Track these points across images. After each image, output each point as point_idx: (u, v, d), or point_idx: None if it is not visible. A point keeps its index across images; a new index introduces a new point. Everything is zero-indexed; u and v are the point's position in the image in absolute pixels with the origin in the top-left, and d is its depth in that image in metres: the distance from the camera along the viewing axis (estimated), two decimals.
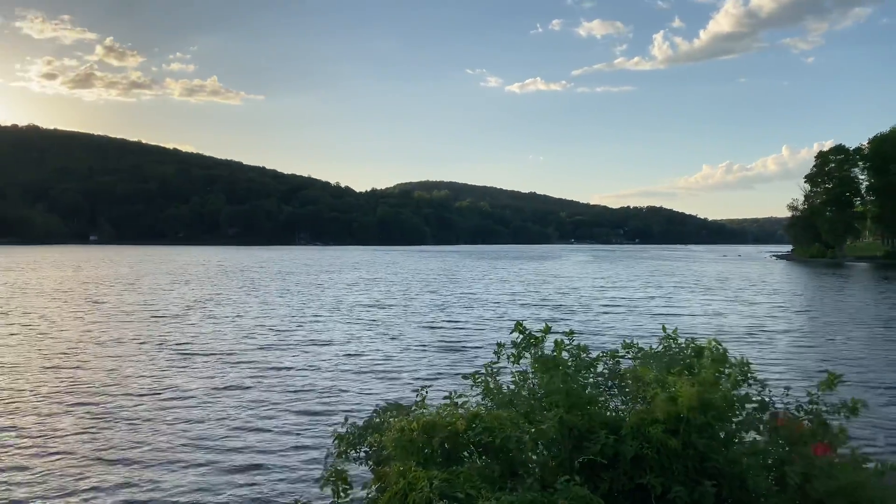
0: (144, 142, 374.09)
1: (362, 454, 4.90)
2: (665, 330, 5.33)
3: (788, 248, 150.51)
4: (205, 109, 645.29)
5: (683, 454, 4.30)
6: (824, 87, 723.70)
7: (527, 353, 5.05)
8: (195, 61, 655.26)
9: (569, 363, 4.94)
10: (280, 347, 22.01)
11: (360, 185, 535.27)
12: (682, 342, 5.36)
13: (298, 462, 10.81)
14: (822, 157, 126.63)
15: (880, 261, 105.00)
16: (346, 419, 5.15)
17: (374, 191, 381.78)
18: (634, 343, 5.36)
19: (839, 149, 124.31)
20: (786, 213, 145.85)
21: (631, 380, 5.14)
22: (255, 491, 9.69)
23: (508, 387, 5.03)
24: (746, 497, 4.40)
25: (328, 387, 16.03)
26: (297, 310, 33.72)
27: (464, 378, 5.35)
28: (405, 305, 36.19)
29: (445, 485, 3.69)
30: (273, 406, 14.22)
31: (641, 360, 5.24)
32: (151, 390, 15.48)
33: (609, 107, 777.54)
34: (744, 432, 4.88)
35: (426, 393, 5.13)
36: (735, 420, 4.85)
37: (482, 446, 4.24)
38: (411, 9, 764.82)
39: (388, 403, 5.20)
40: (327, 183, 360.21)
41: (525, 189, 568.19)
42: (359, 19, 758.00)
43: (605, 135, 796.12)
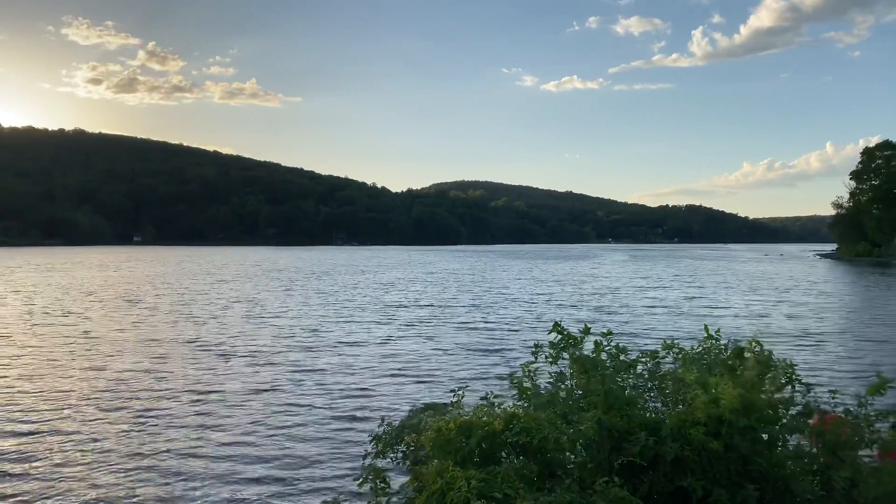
0: (186, 144, 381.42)
1: (399, 453, 4.93)
2: (707, 331, 5.25)
3: (833, 247, 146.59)
4: (244, 112, 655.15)
5: (725, 457, 4.24)
6: (870, 82, 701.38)
7: (565, 354, 5.03)
8: (234, 64, 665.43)
9: (608, 364, 4.90)
10: (317, 348, 22.10)
11: (396, 186, 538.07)
12: (724, 343, 5.27)
13: (336, 461, 10.86)
14: (869, 153, 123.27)
15: None
16: (384, 419, 5.19)
17: (410, 191, 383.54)
18: (675, 344, 5.29)
19: (886, 144, 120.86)
20: (830, 211, 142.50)
21: (671, 381, 5.08)
22: (294, 489, 9.80)
23: (546, 387, 5.01)
24: (791, 501, 4.31)
25: (364, 388, 16.05)
26: (334, 310, 33.95)
27: (501, 379, 5.35)
28: (441, 306, 36.21)
29: (483, 485, 3.70)
30: (309, 407, 14.27)
31: (682, 362, 5.18)
32: (189, 392, 15.63)
33: (647, 104, 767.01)
34: (788, 436, 4.79)
35: (463, 393, 5.14)
36: (779, 423, 4.76)
37: (520, 447, 4.23)
38: (446, 8, 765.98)
39: (425, 404, 5.23)
40: (364, 183, 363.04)
41: (562, 188, 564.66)
42: (394, 20, 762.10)
43: (643, 133, 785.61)
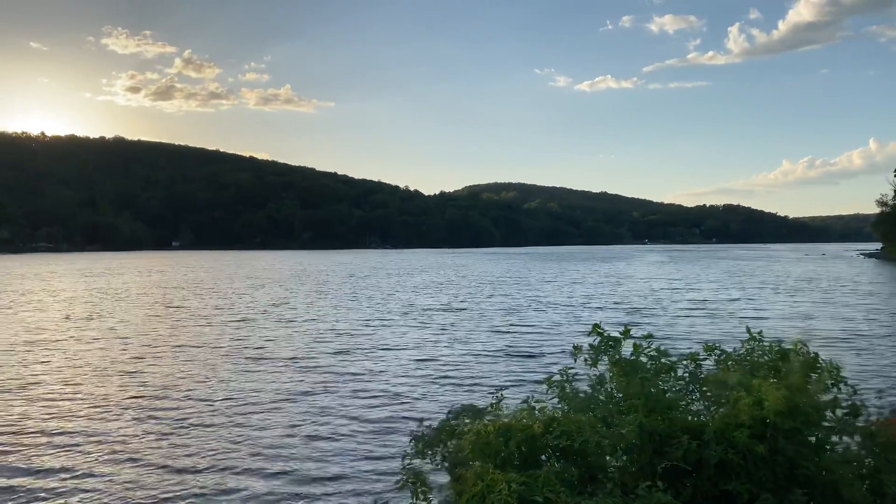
0: (222, 150, 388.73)
1: (438, 455, 4.93)
2: (750, 332, 5.15)
3: (877, 246, 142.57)
4: (279, 117, 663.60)
5: (771, 461, 4.16)
6: None
7: (604, 357, 4.98)
8: (269, 71, 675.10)
9: (648, 367, 4.84)
10: (351, 353, 22.16)
11: (429, 189, 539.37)
12: (767, 345, 5.17)
13: (372, 465, 10.88)
14: None
15: None
16: (422, 421, 5.20)
17: (443, 193, 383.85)
18: (716, 346, 5.20)
19: None
20: (873, 209, 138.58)
21: (713, 384, 5.00)
22: (334, 490, 9.87)
23: (585, 391, 4.96)
24: None
25: (399, 392, 16.04)
26: (368, 314, 34.15)
27: (537, 383, 5.32)
28: (475, 309, 36.18)
29: (524, 488, 3.68)
30: (344, 411, 14.30)
31: (724, 364, 5.09)
32: (225, 396, 15.73)
33: (682, 103, 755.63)
34: (835, 438, 4.67)
35: (501, 396, 5.12)
36: (826, 425, 4.65)
37: (560, 450, 4.20)
38: (478, 10, 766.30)
39: (463, 406, 5.22)
40: (396, 187, 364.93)
41: (596, 189, 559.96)
42: (425, 24, 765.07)
43: (679, 132, 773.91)
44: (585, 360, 5.06)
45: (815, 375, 4.80)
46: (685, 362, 5.21)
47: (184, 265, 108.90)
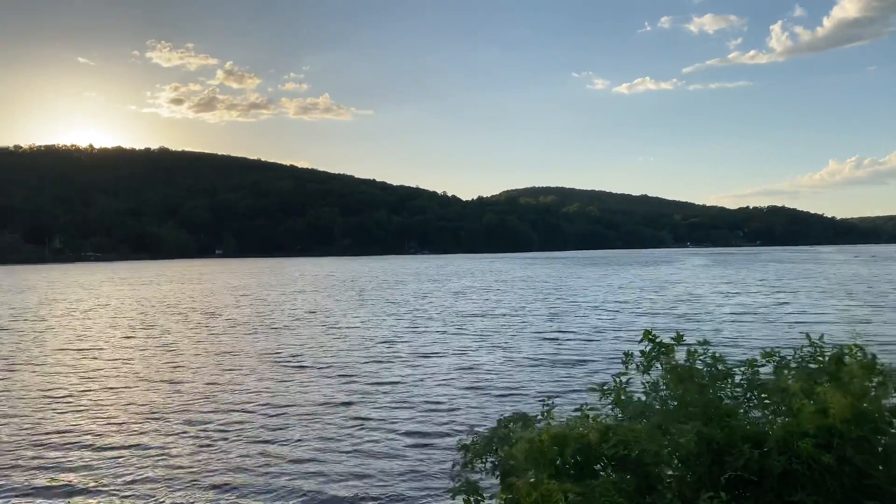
0: (263, 159, 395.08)
1: (489, 465, 4.86)
2: (810, 338, 4.97)
3: None
4: (318, 126, 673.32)
5: (839, 471, 3.99)
6: None
7: (657, 363, 4.86)
8: (308, 80, 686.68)
9: (703, 373, 4.70)
10: (390, 360, 22.01)
11: (467, 194, 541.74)
12: (829, 351, 4.98)
13: (415, 476, 10.77)
14: None
15: None
16: (472, 428, 5.14)
17: (481, 198, 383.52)
18: (775, 352, 5.03)
19: None
20: None
21: (772, 390, 4.83)
22: (376, 501, 9.84)
23: (639, 398, 4.84)
24: None
25: (440, 401, 15.85)
26: (407, 321, 34.10)
27: (586, 390, 5.21)
28: (516, 315, 35.96)
29: (581, 498, 3.59)
30: (384, 421, 14.15)
31: (783, 370, 4.91)
32: (264, 406, 15.73)
33: (724, 103, 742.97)
34: None
35: (553, 404, 5.03)
36: (894, 433, 4.45)
37: (616, 459, 4.09)
38: (514, 16, 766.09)
39: (513, 414, 5.14)
40: (434, 192, 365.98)
41: (636, 192, 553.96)
42: (461, 30, 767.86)
43: (721, 132, 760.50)
44: (637, 367, 4.95)
45: (877, 380, 4.61)
46: (742, 368, 5.05)
47: (226, 272, 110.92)
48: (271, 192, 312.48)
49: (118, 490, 10.41)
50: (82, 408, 15.91)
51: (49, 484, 10.73)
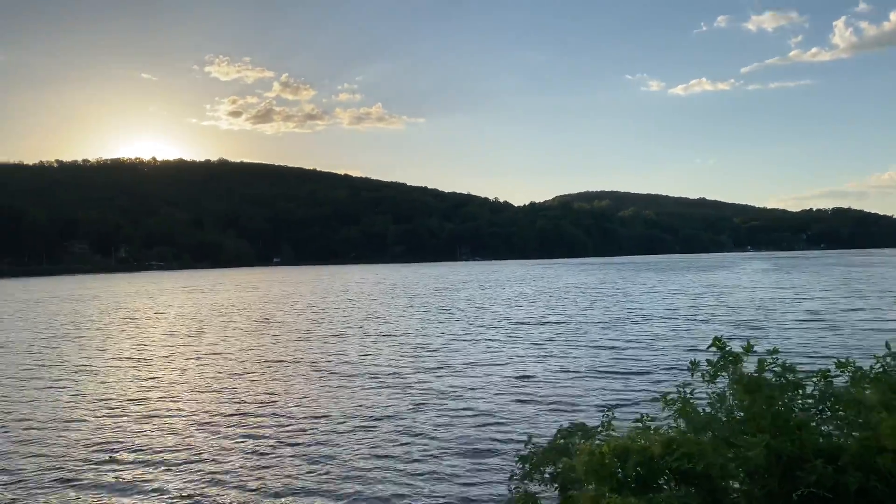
0: (319, 169, 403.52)
1: (547, 476, 4.77)
2: (888, 346, 4.71)
3: None
4: (371, 135, 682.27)
5: None
6: None
7: (723, 373, 4.69)
8: (361, 91, 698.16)
9: (773, 384, 4.51)
10: (441, 369, 21.68)
11: (519, 199, 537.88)
12: None
13: (467, 489, 10.63)
14: None
15: None
16: (529, 440, 5.05)
17: (533, 204, 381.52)
18: (850, 362, 4.79)
19: None
20: None
21: (847, 403, 4.60)
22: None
23: (704, 409, 4.68)
24: None
25: (492, 411, 15.54)
26: (458, 328, 33.83)
27: (646, 401, 5.06)
28: (571, 322, 35.43)
29: None
30: (435, 431, 13.94)
31: (859, 381, 4.68)
32: (314, 415, 15.67)
33: (784, 103, 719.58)
34: None
35: (612, 415, 4.90)
36: None
37: (680, 473, 3.95)
38: (566, 19, 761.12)
39: (572, 425, 5.03)
40: (486, 199, 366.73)
41: (693, 195, 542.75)
42: (513, 36, 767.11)
43: (782, 133, 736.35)
44: (703, 377, 4.78)
45: None
46: (813, 379, 4.83)
47: (283, 280, 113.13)
48: (326, 201, 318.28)
49: (170, 500, 10.58)
50: (138, 416, 16.27)
51: (101, 492, 10.98)
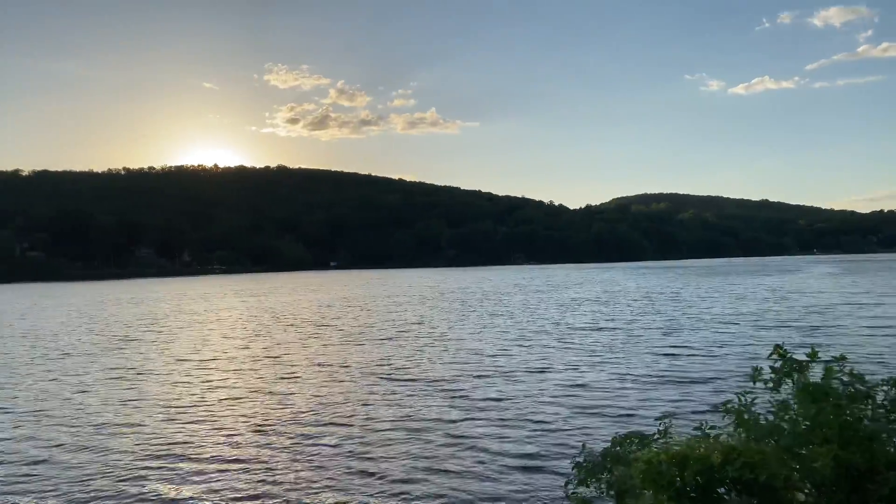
0: (373, 174, 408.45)
1: (604, 484, 4.69)
2: None
3: None
4: (425, 140, 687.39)
5: None
6: None
7: (787, 381, 4.52)
8: (415, 96, 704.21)
9: (840, 392, 4.33)
10: (495, 375, 21.39)
11: (575, 203, 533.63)
12: None
13: (525, 496, 10.53)
14: None
15: None
16: (584, 446, 4.98)
17: (589, 207, 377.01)
18: None
19: None
20: None
21: None
22: None
23: (766, 418, 4.53)
24: None
25: (544, 420, 15.26)
26: (511, 334, 33.44)
27: (705, 412, 4.93)
28: (627, 328, 34.70)
29: None
30: (485, 440, 13.76)
31: None
32: (361, 421, 15.68)
33: (853, 100, 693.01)
34: None
35: (670, 422, 4.79)
36: None
37: (742, 483, 3.83)
38: (622, 19, 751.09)
39: (629, 433, 4.94)
40: (541, 202, 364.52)
41: (755, 197, 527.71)
42: (567, 37, 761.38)
43: (850, 132, 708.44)
44: (766, 384, 4.63)
45: None
46: (885, 388, 4.62)
47: (339, 284, 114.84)
48: (381, 206, 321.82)
49: (219, 502, 10.79)
50: (193, 419, 16.65)
51: (155, 494, 11.26)
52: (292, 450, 13.59)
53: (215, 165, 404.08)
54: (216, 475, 12.13)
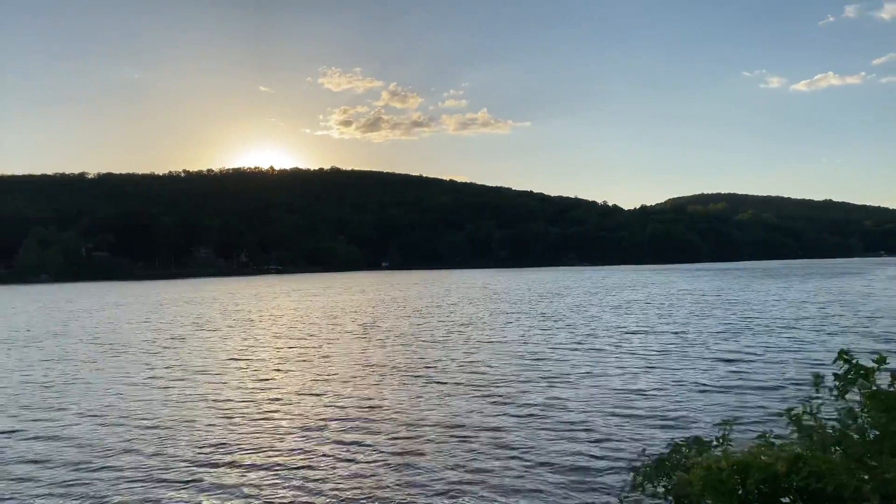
0: (425, 175, 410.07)
1: (660, 489, 4.62)
2: None
3: None
4: (476, 141, 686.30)
5: None
6: None
7: (853, 388, 4.37)
8: (466, 97, 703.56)
9: None
10: (544, 380, 21.05)
11: (629, 203, 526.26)
12: None
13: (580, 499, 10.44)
14: None
15: None
16: (643, 451, 4.92)
17: (644, 207, 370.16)
18: None
19: None
20: None
21: None
22: None
23: (833, 426, 4.38)
24: None
25: (598, 427, 14.93)
26: (562, 337, 33.04)
27: (765, 420, 4.80)
28: (683, 332, 33.87)
29: None
30: (533, 447, 13.55)
31: None
32: (411, 424, 15.55)
33: None
34: None
35: (730, 429, 4.68)
36: None
37: (807, 493, 3.72)
38: (678, 15, 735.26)
39: (687, 438, 4.85)
40: (594, 202, 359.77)
41: (818, 197, 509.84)
42: (620, 36, 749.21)
43: None
44: (830, 391, 4.48)
45: None
46: None
47: (390, 284, 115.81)
48: (432, 207, 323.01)
49: (266, 502, 10.93)
50: (245, 418, 16.90)
51: (202, 492, 11.48)
52: (339, 454, 13.53)
53: (271, 167, 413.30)
54: (262, 476, 12.26)
